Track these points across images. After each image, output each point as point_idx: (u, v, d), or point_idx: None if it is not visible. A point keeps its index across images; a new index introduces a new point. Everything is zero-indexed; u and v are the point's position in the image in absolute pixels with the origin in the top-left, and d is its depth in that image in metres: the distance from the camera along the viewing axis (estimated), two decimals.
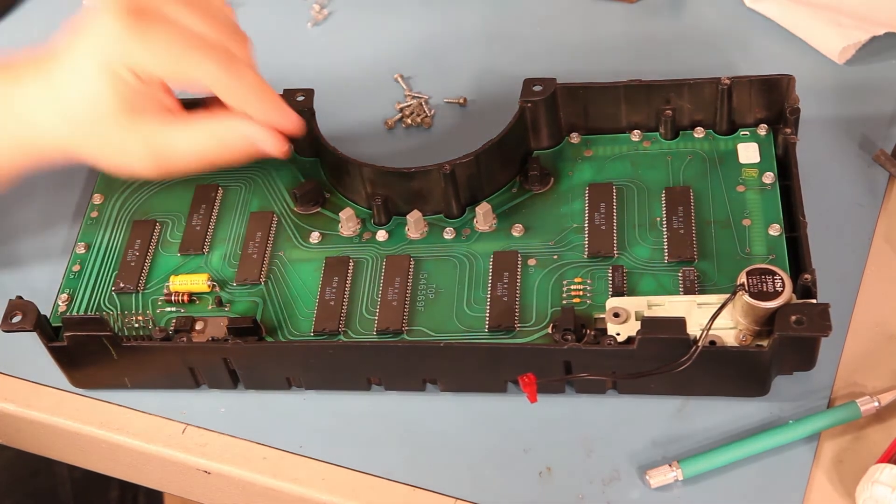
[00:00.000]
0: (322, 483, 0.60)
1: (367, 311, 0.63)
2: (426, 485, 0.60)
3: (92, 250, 0.69)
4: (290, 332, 0.63)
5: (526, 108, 0.67)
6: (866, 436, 0.58)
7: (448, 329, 0.62)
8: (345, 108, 0.77)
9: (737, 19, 0.78)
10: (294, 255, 0.67)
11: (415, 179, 0.66)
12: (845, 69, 0.74)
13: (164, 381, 0.64)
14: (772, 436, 0.58)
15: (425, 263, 0.65)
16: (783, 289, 0.57)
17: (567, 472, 0.59)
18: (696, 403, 0.60)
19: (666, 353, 0.57)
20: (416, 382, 0.62)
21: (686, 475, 0.57)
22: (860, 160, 0.69)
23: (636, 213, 0.65)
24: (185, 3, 0.59)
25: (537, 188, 0.68)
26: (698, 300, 0.59)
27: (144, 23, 0.58)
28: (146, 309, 0.65)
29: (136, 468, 0.65)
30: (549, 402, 0.61)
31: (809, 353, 0.59)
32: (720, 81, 0.66)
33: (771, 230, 0.63)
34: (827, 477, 0.57)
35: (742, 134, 0.68)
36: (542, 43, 0.80)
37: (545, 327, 0.61)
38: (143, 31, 0.58)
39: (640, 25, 0.80)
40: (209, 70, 0.59)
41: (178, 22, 0.59)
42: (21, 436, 0.68)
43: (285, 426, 0.63)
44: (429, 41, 0.81)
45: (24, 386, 0.66)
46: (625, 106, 0.68)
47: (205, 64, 0.59)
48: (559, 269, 0.64)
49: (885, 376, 0.60)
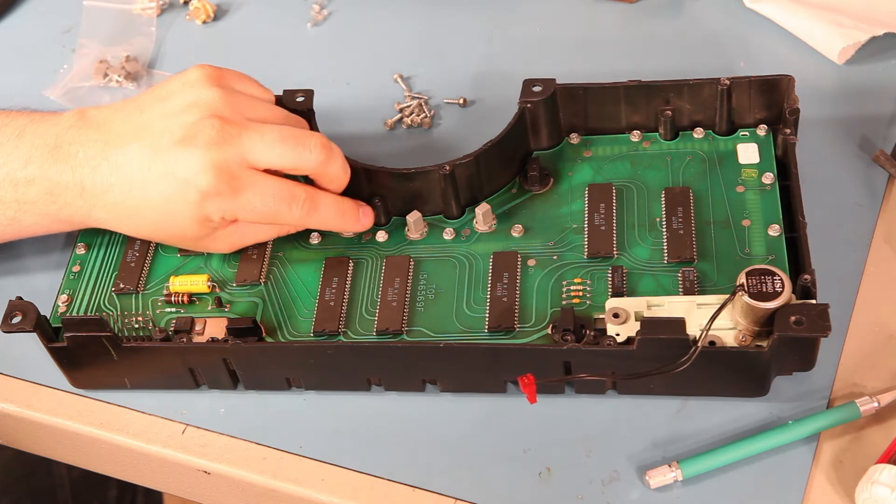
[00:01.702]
0: (322, 483, 0.60)
1: (367, 312, 0.63)
2: (426, 485, 0.60)
3: (92, 251, 0.69)
4: (290, 333, 0.63)
5: (526, 109, 0.67)
6: (866, 436, 0.58)
7: (448, 329, 0.62)
8: (345, 108, 0.77)
9: (737, 19, 0.78)
10: (294, 256, 0.67)
11: (414, 180, 0.66)
12: (845, 69, 0.74)
13: (164, 382, 0.64)
14: (771, 436, 0.58)
15: (425, 264, 0.65)
16: (783, 289, 0.57)
17: (567, 472, 0.59)
18: (695, 404, 0.60)
19: (665, 354, 0.57)
20: (416, 383, 0.62)
21: (686, 475, 0.57)
22: (860, 160, 0.69)
23: (636, 214, 0.65)
24: (257, 137, 0.62)
25: (537, 189, 0.68)
26: (698, 301, 0.59)
27: (234, 182, 0.61)
28: (146, 309, 0.65)
29: (136, 468, 0.65)
30: (548, 402, 0.61)
31: (809, 354, 0.59)
32: (720, 82, 0.66)
33: (770, 230, 0.63)
34: (826, 477, 0.57)
35: (742, 134, 0.68)
36: (542, 43, 0.80)
37: (545, 328, 0.61)
38: (234, 190, 0.61)
39: (640, 25, 0.80)
40: (295, 217, 0.64)
41: (259, 166, 0.62)
42: (21, 436, 0.68)
43: (285, 426, 0.63)
44: (429, 41, 0.81)
45: (24, 386, 0.66)
46: (624, 106, 0.68)
47: (292, 213, 0.63)
48: (559, 270, 0.64)
49: (885, 376, 0.60)
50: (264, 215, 0.63)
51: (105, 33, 0.84)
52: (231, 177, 0.61)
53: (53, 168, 0.64)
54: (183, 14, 0.86)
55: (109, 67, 0.82)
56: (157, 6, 0.85)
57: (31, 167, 0.64)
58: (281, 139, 0.63)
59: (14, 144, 0.65)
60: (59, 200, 0.64)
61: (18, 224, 0.66)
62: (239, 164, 0.62)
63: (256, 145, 0.62)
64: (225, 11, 0.86)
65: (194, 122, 0.62)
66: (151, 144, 0.62)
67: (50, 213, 0.65)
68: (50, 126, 0.65)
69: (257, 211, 0.62)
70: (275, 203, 0.62)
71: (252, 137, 0.62)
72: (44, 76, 0.82)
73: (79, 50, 0.83)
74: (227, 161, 0.61)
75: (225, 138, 0.61)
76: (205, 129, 0.61)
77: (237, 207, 0.62)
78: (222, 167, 0.61)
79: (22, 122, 0.66)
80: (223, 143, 0.61)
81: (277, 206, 0.63)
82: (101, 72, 0.81)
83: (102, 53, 0.82)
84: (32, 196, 0.64)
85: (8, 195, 0.64)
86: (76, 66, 0.82)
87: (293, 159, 0.63)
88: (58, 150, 0.64)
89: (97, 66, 0.82)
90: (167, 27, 0.85)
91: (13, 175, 0.64)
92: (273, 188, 0.62)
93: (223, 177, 0.61)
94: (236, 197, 0.62)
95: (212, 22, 0.85)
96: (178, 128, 0.62)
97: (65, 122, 0.65)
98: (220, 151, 0.61)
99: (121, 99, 0.75)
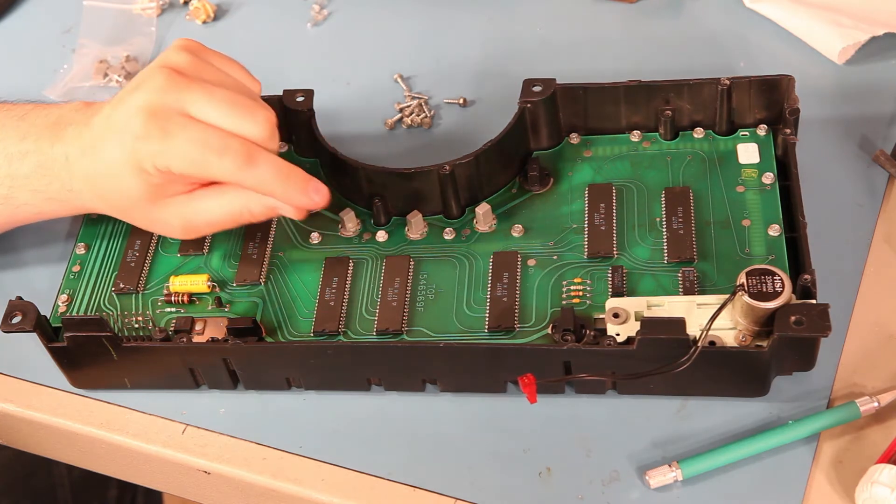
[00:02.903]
0: (322, 483, 0.60)
1: (367, 312, 0.63)
2: (426, 485, 0.60)
3: (92, 251, 0.69)
4: (290, 333, 0.63)
5: (526, 109, 0.67)
6: (866, 436, 0.58)
7: (448, 329, 0.62)
8: (345, 109, 0.77)
9: (737, 19, 0.78)
10: (294, 256, 0.67)
11: (414, 180, 0.66)
12: (845, 69, 0.74)
13: (164, 382, 0.64)
14: (771, 436, 0.58)
15: (425, 264, 0.65)
16: (783, 289, 0.57)
17: (567, 472, 0.59)
18: (695, 404, 0.60)
19: (665, 354, 0.57)
20: (416, 383, 0.62)
21: (686, 475, 0.57)
22: (860, 160, 0.69)
23: (636, 214, 0.65)
24: (206, 95, 0.61)
25: (537, 189, 0.68)
26: (698, 301, 0.59)
27: (166, 124, 0.60)
28: (146, 309, 0.65)
29: (136, 468, 0.66)
30: (548, 402, 0.61)
31: (809, 354, 0.59)
32: (720, 82, 0.66)
33: (770, 230, 0.63)
34: (826, 477, 0.57)
35: (742, 134, 0.68)
36: (542, 43, 0.80)
37: (545, 328, 0.61)
38: (165, 132, 0.60)
39: (640, 25, 0.80)
40: (227, 170, 0.61)
41: (198, 118, 0.61)
42: (21, 436, 0.68)
43: (285, 426, 0.63)
44: (429, 41, 0.81)
45: (24, 386, 0.66)
46: (624, 106, 0.68)
47: (223, 164, 0.60)
48: (559, 270, 0.64)
49: (885, 376, 0.60)
50: (194, 163, 0.60)
51: (105, 33, 0.84)
52: (163, 120, 0.60)
53: (47, 142, 0.64)
54: (183, 14, 0.86)
55: (109, 67, 0.82)
56: (157, 6, 0.85)
57: (26, 142, 0.64)
58: (229, 102, 0.61)
59: (15, 124, 0.66)
60: (48, 174, 0.64)
61: (11, 203, 0.65)
62: (175, 111, 0.60)
63: (199, 99, 0.61)
64: (225, 11, 0.86)
65: (148, 72, 0.62)
66: (116, 101, 0.63)
67: (40, 189, 0.64)
68: (54, 109, 0.66)
69: (187, 158, 0.60)
70: (205, 151, 0.60)
71: (197, 91, 0.61)
72: (44, 76, 0.82)
73: (79, 50, 0.83)
74: (162, 105, 0.60)
75: (169, 86, 0.61)
76: (154, 77, 0.61)
77: (167, 151, 0.60)
78: (156, 110, 0.60)
79: (27, 108, 0.67)
80: (166, 89, 0.61)
81: (208, 154, 0.60)
82: (101, 72, 0.81)
83: (102, 53, 0.82)
84: (25, 170, 0.64)
85: (1, 171, 0.65)
86: (76, 66, 0.82)
87: (234, 124, 0.61)
88: (56, 126, 0.65)
89: (97, 66, 0.82)
90: (167, 27, 0.85)
91: (9, 149, 0.65)
92: (205, 134, 0.60)
93: (155, 119, 0.60)
94: (165, 140, 0.60)
95: (212, 22, 0.85)
96: (135, 81, 0.63)
97: (70, 106, 0.66)
98: (159, 96, 0.60)
99: None
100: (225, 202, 0.63)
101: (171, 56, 0.63)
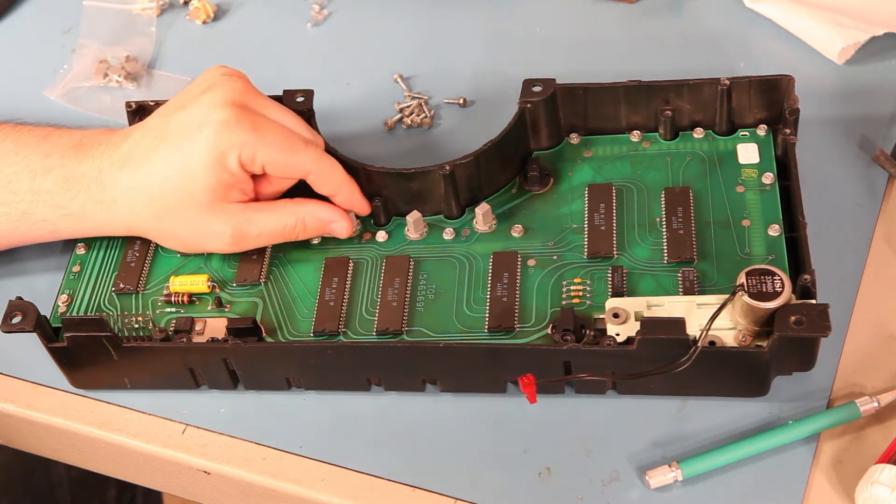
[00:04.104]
0: (322, 483, 0.60)
1: (367, 312, 0.63)
2: (426, 485, 0.60)
3: (92, 251, 0.69)
4: (290, 333, 0.63)
5: (526, 109, 0.67)
6: (866, 436, 0.58)
7: (448, 329, 0.62)
8: (345, 109, 0.77)
9: (737, 19, 0.78)
10: (294, 256, 0.67)
11: (414, 180, 0.66)
12: (845, 69, 0.74)
13: (164, 382, 0.64)
14: (771, 436, 0.58)
15: (425, 264, 0.65)
16: (782, 289, 0.57)
17: (567, 472, 0.59)
18: (695, 404, 0.60)
19: (665, 354, 0.57)
20: (416, 383, 0.62)
21: (686, 475, 0.57)
22: (860, 160, 0.69)
23: (636, 214, 0.65)
24: (276, 106, 0.66)
25: (537, 189, 0.68)
26: (698, 301, 0.59)
27: (254, 118, 0.63)
28: (146, 309, 0.65)
29: (136, 468, 0.66)
30: (548, 402, 0.61)
31: (809, 354, 0.59)
32: (719, 82, 0.66)
33: (770, 230, 0.63)
34: (826, 477, 0.57)
35: (741, 134, 0.68)
36: (542, 43, 0.80)
37: (545, 328, 0.61)
38: (255, 124, 0.63)
39: (640, 25, 0.80)
40: (310, 160, 0.64)
41: (277, 120, 0.65)
42: (21, 436, 0.68)
43: (285, 426, 0.63)
44: (429, 41, 0.81)
45: (24, 386, 0.66)
46: (624, 106, 0.68)
47: (308, 155, 0.64)
48: (559, 270, 0.64)
49: (885, 376, 0.60)
50: (283, 151, 0.63)
51: (105, 33, 0.84)
52: (251, 113, 0.63)
53: (74, 159, 0.65)
54: (183, 14, 0.86)
55: (109, 67, 0.82)
56: (157, 6, 0.85)
57: (51, 158, 0.65)
58: (293, 114, 0.66)
59: (38, 143, 0.66)
60: (74, 188, 0.65)
61: (29, 219, 0.66)
62: (255, 111, 0.64)
63: (274, 107, 0.66)
64: (225, 11, 0.86)
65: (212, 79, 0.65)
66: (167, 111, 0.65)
67: (62, 204, 0.65)
68: (76, 131, 0.67)
69: (276, 147, 0.63)
70: (293, 140, 0.64)
71: (268, 100, 0.66)
72: (44, 76, 0.82)
73: (79, 50, 0.83)
74: (246, 103, 0.64)
75: (248, 90, 0.65)
76: (228, 81, 0.65)
77: (257, 141, 0.62)
78: (242, 105, 0.63)
79: (48, 129, 0.68)
80: (245, 92, 0.65)
81: (296, 143, 0.64)
82: (101, 72, 0.81)
83: (102, 53, 0.82)
84: (49, 185, 0.65)
85: (23, 186, 0.65)
86: (76, 66, 0.82)
87: (304, 132, 0.66)
88: (80, 146, 0.66)
89: (97, 66, 0.82)
90: (167, 27, 0.85)
91: (32, 166, 0.65)
92: (288, 131, 0.64)
93: (244, 112, 0.63)
94: (255, 131, 0.62)
95: (212, 22, 0.85)
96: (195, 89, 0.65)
97: (92, 130, 0.67)
98: (241, 95, 0.64)
99: (121, 100, 0.76)
100: (280, 215, 0.65)
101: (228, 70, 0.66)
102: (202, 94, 0.64)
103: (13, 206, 0.65)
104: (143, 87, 0.81)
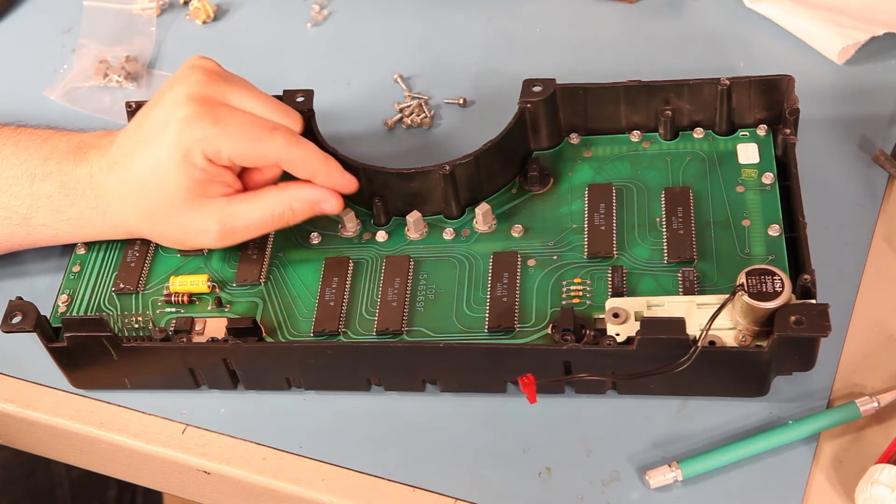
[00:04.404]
0: (322, 483, 0.60)
1: (367, 312, 0.63)
2: (426, 485, 0.60)
3: (92, 251, 0.69)
4: (290, 333, 0.63)
5: (525, 109, 0.67)
6: (866, 436, 0.58)
7: (448, 329, 0.62)
8: (345, 109, 0.77)
9: (737, 19, 0.78)
10: (294, 256, 0.67)
11: (414, 180, 0.66)
12: (845, 69, 0.74)
13: (164, 382, 0.64)
14: (771, 436, 0.58)
15: (425, 264, 0.65)
16: (782, 289, 0.57)
17: (567, 472, 0.59)
18: (695, 404, 0.60)
19: (665, 354, 0.57)
20: (416, 383, 0.62)
21: (685, 475, 0.57)
22: (860, 160, 0.69)
23: (636, 214, 0.65)
24: (244, 90, 0.64)
25: (537, 189, 0.68)
26: (698, 301, 0.59)
27: (215, 110, 0.62)
28: (146, 309, 0.65)
29: (136, 468, 0.66)
30: (548, 402, 0.61)
31: (809, 354, 0.59)
32: (719, 82, 0.66)
33: (770, 230, 0.63)
34: (826, 477, 0.57)
35: (741, 134, 0.68)
36: (542, 43, 0.80)
37: (545, 328, 0.61)
38: (216, 117, 0.62)
39: (640, 25, 0.80)
40: (279, 147, 0.63)
41: (242, 108, 0.63)
42: (21, 436, 0.68)
43: (285, 426, 0.63)
44: (429, 41, 0.81)
45: (24, 386, 0.66)
46: (624, 106, 0.68)
47: (275, 142, 0.63)
48: (559, 270, 0.64)
49: (885, 376, 0.60)
50: (249, 142, 0.62)
51: (105, 33, 0.84)
52: (211, 106, 0.62)
53: (70, 164, 0.65)
54: (183, 14, 0.86)
55: (109, 67, 0.82)
56: (157, 6, 0.85)
57: (50, 163, 0.65)
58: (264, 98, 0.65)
59: (38, 146, 0.67)
60: (71, 194, 0.65)
61: (29, 224, 0.66)
62: (219, 101, 0.63)
63: (240, 92, 0.64)
64: (225, 11, 0.86)
65: (180, 75, 0.64)
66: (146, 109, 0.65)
67: (61, 209, 0.65)
68: (76, 134, 0.67)
69: (239, 139, 0.62)
70: (257, 130, 0.62)
71: (236, 85, 0.64)
72: (44, 76, 0.82)
73: (79, 50, 0.83)
74: (207, 95, 0.63)
75: (210, 80, 0.63)
76: (190, 75, 0.63)
77: (218, 135, 0.61)
78: (202, 99, 0.62)
79: (49, 132, 0.68)
80: (207, 83, 0.63)
81: (260, 132, 0.62)
82: (101, 72, 0.81)
83: (102, 53, 0.82)
84: (47, 190, 0.65)
85: (23, 190, 0.65)
86: (76, 66, 0.82)
87: (273, 117, 0.64)
88: (78, 149, 0.66)
89: (97, 66, 0.82)
90: (167, 27, 0.85)
91: (32, 170, 0.65)
92: (252, 118, 0.63)
93: (204, 105, 0.62)
94: (216, 124, 0.61)
95: (212, 22, 0.85)
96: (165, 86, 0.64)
97: (91, 133, 0.67)
98: (202, 87, 0.63)
99: (122, 100, 0.76)
100: (265, 204, 0.64)
101: (195, 62, 0.65)
102: (168, 90, 0.64)
103: (13, 209, 0.66)
104: (143, 87, 0.81)
